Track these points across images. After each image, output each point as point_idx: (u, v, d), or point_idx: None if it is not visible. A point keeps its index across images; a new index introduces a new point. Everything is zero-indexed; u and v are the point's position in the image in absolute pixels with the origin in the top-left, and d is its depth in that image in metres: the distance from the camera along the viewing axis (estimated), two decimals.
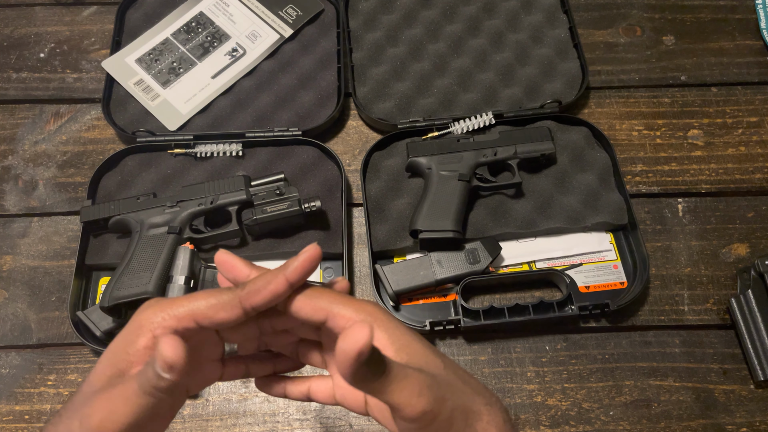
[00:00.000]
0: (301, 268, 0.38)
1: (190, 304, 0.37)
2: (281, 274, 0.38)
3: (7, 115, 0.92)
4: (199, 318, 0.37)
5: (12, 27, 1.00)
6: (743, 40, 0.98)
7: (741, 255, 0.81)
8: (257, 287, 0.37)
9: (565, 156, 0.84)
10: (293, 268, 0.38)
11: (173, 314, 0.37)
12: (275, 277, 0.38)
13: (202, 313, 0.37)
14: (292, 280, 0.38)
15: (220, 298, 0.37)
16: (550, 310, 0.74)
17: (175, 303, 0.38)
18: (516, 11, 0.96)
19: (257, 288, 0.37)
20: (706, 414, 0.72)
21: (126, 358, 0.37)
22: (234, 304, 0.37)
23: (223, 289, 0.38)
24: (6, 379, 0.74)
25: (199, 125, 0.88)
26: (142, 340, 0.37)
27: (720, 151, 0.89)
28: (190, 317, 0.37)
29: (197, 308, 0.37)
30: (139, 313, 0.38)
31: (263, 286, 0.37)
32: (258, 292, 0.37)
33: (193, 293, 0.38)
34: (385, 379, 0.33)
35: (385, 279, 0.75)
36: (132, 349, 0.37)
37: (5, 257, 0.81)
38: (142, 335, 0.37)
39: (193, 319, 0.37)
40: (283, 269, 0.38)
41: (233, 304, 0.37)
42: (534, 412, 0.72)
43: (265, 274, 0.38)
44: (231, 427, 0.71)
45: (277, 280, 0.37)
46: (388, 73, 0.91)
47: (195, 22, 0.96)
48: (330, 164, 0.85)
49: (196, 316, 0.37)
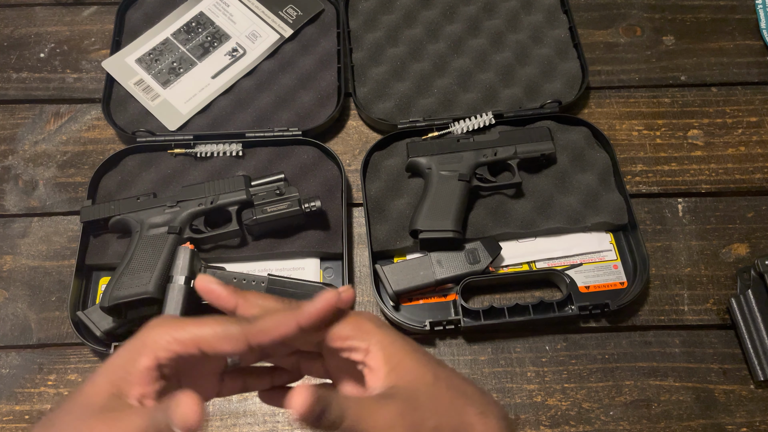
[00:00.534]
0: (316, 316, 0.38)
1: (197, 330, 0.37)
2: (293, 318, 0.38)
3: (7, 115, 0.92)
4: (203, 346, 0.37)
5: (12, 27, 1.00)
6: (743, 40, 0.98)
7: (741, 255, 0.81)
8: (267, 328, 0.38)
9: (565, 156, 0.84)
10: (308, 315, 0.38)
11: (178, 338, 0.37)
12: (286, 320, 0.38)
13: (206, 342, 0.37)
14: (303, 326, 0.38)
15: (227, 330, 0.37)
16: (550, 310, 0.74)
17: (182, 327, 0.38)
18: (516, 11, 0.96)
19: (267, 329, 0.38)
20: (706, 414, 0.72)
21: (126, 378, 0.37)
22: (240, 339, 0.37)
23: (230, 320, 0.38)
24: (6, 379, 0.74)
25: (199, 125, 0.88)
26: (144, 360, 0.37)
27: (720, 151, 0.89)
28: (195, 344, 0.37)
29: (203, 336, 0.37)
30: (144, 331, 0.38)
31: (273, 328, 0.38)
32: (267, 333, 0.38)
33: (201, 319, 0.38)
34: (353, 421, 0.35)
35: (385, 279, 0.75)
36: (133, 368, 0.37)
37: (5, 257, 0.81)
38: (144, 354, 0.37)
39: (197, 346, 0.37)
40: (296, 314, 0.38)
41: (239, 339, 0.37)
42: (534, 412, 0.72)
43: (277, 314, 0.38)
44: (231, 427, 0.71)
45: (288, 324, 0.38)
46: (388, 73, 0.91)
47: (195, 22, 0.96)
48: (330, 164, 0.85)
49: (201, 343, 0.37)
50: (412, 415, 0.37)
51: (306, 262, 0.80)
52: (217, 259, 0.79)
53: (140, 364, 0.37)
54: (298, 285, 0.74)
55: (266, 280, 0.73)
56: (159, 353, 0.37)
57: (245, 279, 0.73)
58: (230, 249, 0.79)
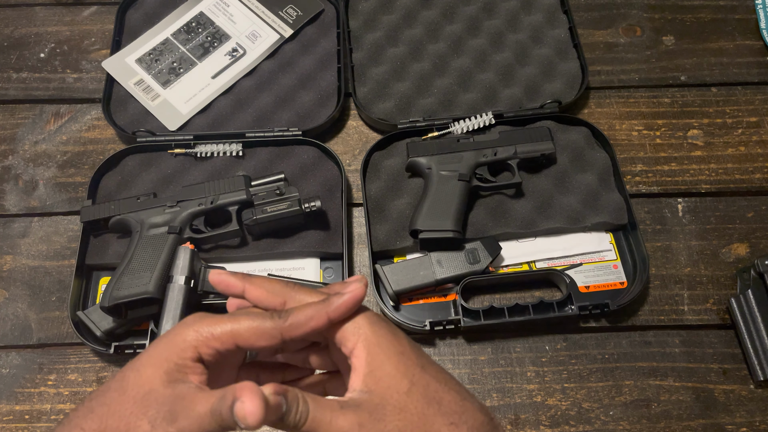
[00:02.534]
0: (344, 308, 0.40)
1: (234, 326, 0.39)
2: (324, 310, 0.39)
3: (7, 115, 0.92)
4: (240, 341, 0.39)
5: (12, 27, 1.00)
6: (743, 40, 0.98)
7: (741, 255, 0.81)
8: (299, 322, 0.39)
9: (565, 156, 0.84)
10: (336, 307, 0.40)
11: (217, 335, 0.38)
12: (317, 313, 0.39)
13: (243, 337, 0.39)
14: (333, 318, 0.40)
15: (262, 325, 0.39)
16: (550, 310, 0.74)
17: (219, 323, 0.39)
18: (516, 11, 0.96)
19: (299, 323, 0.39)
20: (706, 414, 0.72)
21: (177, 368, 0.38)
22: (274, 334, 0.39)
23: (263, 315, 0.39)
24: (6, 379, 0.74)
25: (199, 125, 0.88)
26: (188, 353, 0.38)
27: (720, 151, 0.89)
28: (233, 340, 0.39)
29: (239, 332, 0.39)
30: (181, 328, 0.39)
31: (305, 322, 0.39)
32: (299, 327, 0.39)
33: (234, 314, 0.39)
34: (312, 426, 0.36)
35: (385, 279, 0.75)
36: (181, 360, 0.38)
37: (5, 257, 0.81)
38: (188, 349, 0.38)
39: (235, 342, 0.39)
40: (326, 306, 0.40)
41: (273, 334, 0.39)
42: (534, 412, 0.72)
43: (307, 307, 0.40)
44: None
45: (320, 316, 0.39)
46: (388, 73, 0.91)
47: (195, 22, 0.96)
48: (330, 164, 0.85)
49: (238, 339, 0.39)
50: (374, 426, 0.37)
51: (306, 262, 0.80)
52: (217, 259, 0.79)
53: (186, 356, 0.38)
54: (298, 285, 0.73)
55: None
56: (201, 349, 0.38)
57: None
58: (230, 249, 0.79)
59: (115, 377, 0.39)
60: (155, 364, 0.38)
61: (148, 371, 0.38)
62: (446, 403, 0.40)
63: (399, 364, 0.40)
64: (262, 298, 0.42)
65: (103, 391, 0.39)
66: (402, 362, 0.40)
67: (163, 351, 0.39)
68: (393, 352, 0.40)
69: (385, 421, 0.38)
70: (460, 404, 0.40)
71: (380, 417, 0.38)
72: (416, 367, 0.40)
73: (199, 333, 0.38)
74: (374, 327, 0.41)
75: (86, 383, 0.74)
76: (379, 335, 0.40)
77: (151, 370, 0.38)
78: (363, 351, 0.40)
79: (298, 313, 0.39)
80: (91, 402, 0.38)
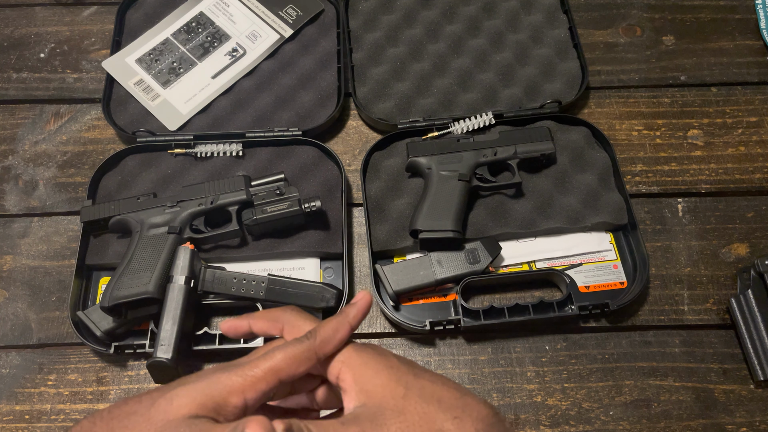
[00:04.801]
0: (361, 313, 0.44)
1: (271, 363, 0.39)
2: (346, 321, 0.42)
3: (7, 115, 0.92)
4: (282, 375, 0.39)
5: (12, 27, 1.00)
6: (743, 40, 0.98)
7: (741, 255, 0.81)
8: (328, 336, 0.41)
9: (565, 156, 0.84)
10: (354, 315, 0.43)
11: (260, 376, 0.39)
12: (342, 326, 0.42)
13: (284, 370, 0.40)
14: (354, 326, 0.43)
15: (296, 352, 0.40)
16: (550, 310, 0.74)
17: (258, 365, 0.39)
18: (516, 11, 0.96)
19: (329, 338, 0.41)
20: (706, 414, 0.72)
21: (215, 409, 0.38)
22: (309, 356, 0.41)
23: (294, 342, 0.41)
24: (6, 379, 0.74)
25: (199, 125, 0.88)
26: (234, 398, 0.38)
27: (720, 151, 0.89)
28: (276, 377, 0.39)
29: (279, 366, 0.40)
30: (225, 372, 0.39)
31: (333, 336, 0.42)
32: (330, 342, 0.41)
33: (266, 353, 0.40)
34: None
35: (385, 279, 0.75)
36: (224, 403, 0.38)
37: (5, 257, 0.81)
38: (234, 394, 0.38)
39: (278, 378, 0.39)
40: (344, 316, 0.43)
41: (309, 356, 0.40)
42: (534, 411, 0.72)
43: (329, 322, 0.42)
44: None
45: (344, 328, 0.42)
46: (388, 73, 0.91)
47: (195, 22, 0.96)
48: (330, 164, 0.85)
49: (280, 374, 0.39)
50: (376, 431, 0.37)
51: (306, 262, 0.80)
52: (217, 259, 0.79)
53: (232, 401, 0.38)
54: (298, 285, 0.73)
55: (266, 280, 0.73)
56: (248, 394, 0.38)
57: (245, 279, 0.73)
58: (230, 249, 0.79)
59: (142, 400, 0.38)
60: (191, 396, 0.38)
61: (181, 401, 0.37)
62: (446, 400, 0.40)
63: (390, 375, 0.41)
64: (266, 328, 0.45)
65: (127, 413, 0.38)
66: (392, 373, 0.41)
67: (204, 388, 0.38)
68: (381, 367, 0.41)
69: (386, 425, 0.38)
70: (460, 400, 0.41)
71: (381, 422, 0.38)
72: (409, 375, 0.41)
73: (244, 377, 0.38)
74: (358, 351, 0.42)
75: (86, 383, 0.74)
76: (364, 356, 0.42)
77: (185, 400, 0.37)
78: (348, 373, 0.41)
79: (323, 329, 0.42)
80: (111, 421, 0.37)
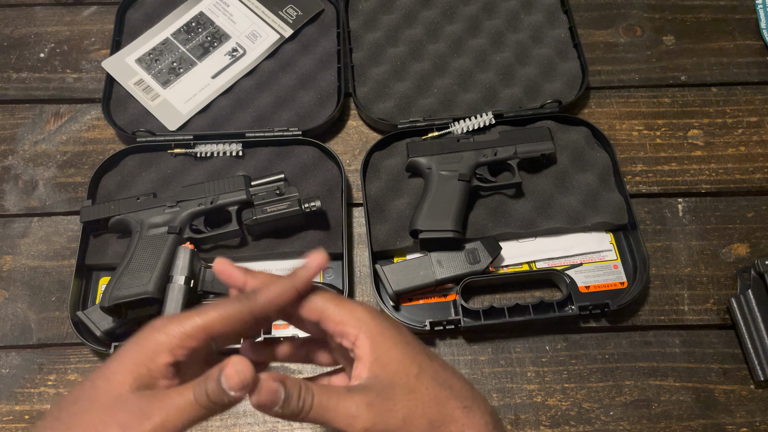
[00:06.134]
0: (308, 277, 0.41)
1: (203, 319, 0.38)
2: (290, 283, 0.40)
3: (7, 115, 0.92)
4: (213, 332, 0.38)
5: (12, 27, 1.00)
6: (743, 40, 0.98)
7: (741, 255, 0.81)
8: (268, 298, 0.40)
9: (565, 156, 0.84)
10: (301, 278, 0.41)
11: (189, 332, 0.38)
12: (284, 287, 0.40)
13: (215, 328, 0.38)
14: (300, 289, 0.41)
15: (231, 311, 0.39)
16: (550, 310, 0.74)
17: (188, 320, 0.38)
18: (516, 11, 0.96)
19: (268, 298, 0.40)
20: (706, 414, 0.72)
21: (149, 374, 0.37)
22: (246, 318, 0.39)
23: (230, 301, 0.40)
24: (6, 379, 0.74)
25: (199, 125, 0.88)
26: (162, 357, 0.37)
27: (720, 151, 0.89)
28: (205, 334, 0.38)
29: (210, 324, 0.38)
30: (153, 332, 0.38)
31: (274, 297, 0.40)
32: (269, 302, 0.40)
33: (201, 307, 0.39)
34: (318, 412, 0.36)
35: (385, 279, 0.75)
36: (153, 365, 0.37)
37: (5, 257, 0.81)
38: (161, 353, 0.37)
39: (208, 335, 0.38)
40: (291, 279, 0.40)
41: (245, 318, 0.39)
42: (534, 412, 0.72)
43: (274, 283, 0.40)
44: (231, 427, 0.71)
45: (286, 289, 0.40)
46: (388, 73, 0.91)
47: (195, 22, 0.96)
48: (330, 164, 0.85)
49: (210, 331, 0.38)
50: (383, 405, 0.37)
51: None
52: None
53: (159, 361, 0.37)
54: None
55: None
56: (175, 351, 0.38)
57: None
58: (230, 249, 0.79)
59: (84, 386, 0.38)
60: (125, 371, 0.37)
61: (118, 378, 0.37)
62: (457, 389, 0.40)
63: (405, 352, 0.40)
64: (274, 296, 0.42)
65: (73, 401, 0.38)
66: (408, 350, 0.40)
67: (134, 356, 0.38)
68: (398, 341, 0.40)
69: (394, 400, 0.37)
70: (470, 392, 0.41)
71: (389, 396, 0.37)
72: (423, 356, 0.41)
73: (170, 335, 0.38)
74: (376, 319, 0.41)
75: None
76: (383, 326, 0.41)
77: (121, 376, 0.37)
78: (366, 340, 0.40)
79: (266, 289, 0.40)
80: (60, 413, 0.38)
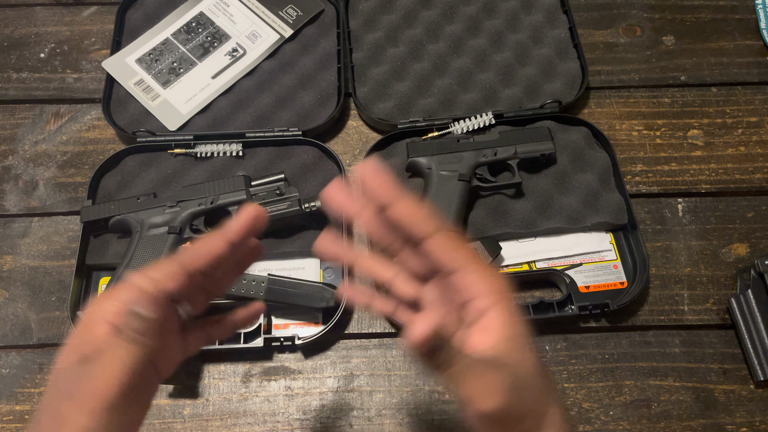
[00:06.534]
0: (243, 229, 0.42)
1: (133, 284, 0.39)
2: (221, 237, 0.42)
3: (7, 115, 0.92)
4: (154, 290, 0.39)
5: (12, 27, 1.00)
6: (743, 40, 0.98)
7: (741, 255, 0.81)
8: (199, 252, 0.41)
9: (565, 156, 0.84)
10: (235, 231, 0.42)
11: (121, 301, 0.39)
12: (214, 240, 0.42)
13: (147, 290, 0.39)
14: (233, 241, 0.42)
15: (162, 271, 0.40)
16: (550, 310, 0.74)
17: (119, 290, 0.39)
18: (516, 11, 0.96)
19: (199, 252, 0.41)
20: (706, 414, 0.72)
21: (88, 346, 0.38)
22: (177, 272, 0.40)
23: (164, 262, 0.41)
24: (6, 379, 0.74)
25: (199, 125, 0.88)
26: (99, 328, 0.38)
27: (720, 151, 0.89)
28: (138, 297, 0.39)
29: (141, 286, 0.39)
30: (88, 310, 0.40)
31: (205, 250, 0.41)
32: (200, 256, 0.41)
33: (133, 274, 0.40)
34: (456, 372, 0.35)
35: None
36: (91, 337, 0.38)
37: (5, 257, 0.81)
38: (98, 325, 0.38)
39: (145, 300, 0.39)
40: (223, 233, 0.42)
41: (175, 272, 0.40)
42: None
43: (205, 238, 0.42)
44: (231, 427, 0.71)
45: (217, 243, 0.42)
46: (388, 73, 0.91)
47: (195, 22, 0.96)
48: (330, 164, 0.85)
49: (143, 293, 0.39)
50: (515, 390, 0.37)
51: (306, 262, 0.80)
52: None
53: (97, 332, 0.38)
54: (298, 285, 0.73)
55: (266, 280, 0.73)
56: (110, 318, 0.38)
57: (245, 279, 0.73)
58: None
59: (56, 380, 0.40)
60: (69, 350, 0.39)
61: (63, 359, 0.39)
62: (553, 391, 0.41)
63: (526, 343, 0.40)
64: None
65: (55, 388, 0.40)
66: (527, 343, 0.40)
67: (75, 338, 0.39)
68: (523, 326, 0.40)
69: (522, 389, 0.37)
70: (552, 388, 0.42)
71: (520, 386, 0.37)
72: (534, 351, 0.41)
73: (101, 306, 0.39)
74: (510, 300, 0.40)
75: None
76: (513, 309, 0.40)
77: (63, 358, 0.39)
78: (499, 316, 0.39)
79: (196, 245, 0.42)
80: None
